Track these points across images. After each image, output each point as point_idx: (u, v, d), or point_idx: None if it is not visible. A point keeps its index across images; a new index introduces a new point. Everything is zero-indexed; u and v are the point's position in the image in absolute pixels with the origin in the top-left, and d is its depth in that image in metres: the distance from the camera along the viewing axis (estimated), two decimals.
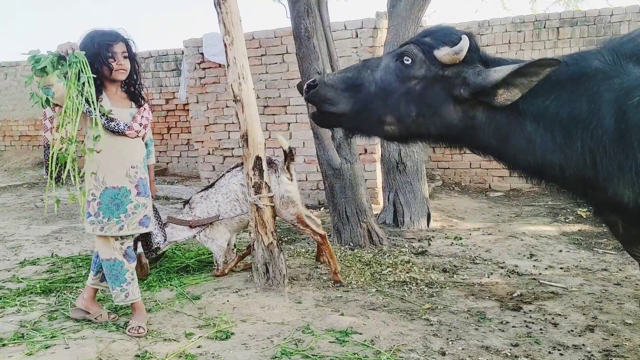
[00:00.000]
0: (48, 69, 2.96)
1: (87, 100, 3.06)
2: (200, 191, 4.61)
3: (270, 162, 4.23)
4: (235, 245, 4.77)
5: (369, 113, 2.38)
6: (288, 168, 4.23)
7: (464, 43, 2.21)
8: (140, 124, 3.43)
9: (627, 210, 2.14)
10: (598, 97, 2.09)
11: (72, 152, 3.03)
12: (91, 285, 3.64)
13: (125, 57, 3.32)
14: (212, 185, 4.55)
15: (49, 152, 3.12)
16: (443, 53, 2.25)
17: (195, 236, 4.47)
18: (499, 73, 2.17)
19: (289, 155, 4.22)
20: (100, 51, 3.22)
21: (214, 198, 4.46)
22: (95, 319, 3.55)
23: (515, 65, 2.16)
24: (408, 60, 2.31)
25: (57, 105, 3.17)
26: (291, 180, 4.23)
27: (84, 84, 3.02)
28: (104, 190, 3.34)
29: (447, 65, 2.27)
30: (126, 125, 3.35)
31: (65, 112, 3.04)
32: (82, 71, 3.02)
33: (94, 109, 3.04)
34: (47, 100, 3.07)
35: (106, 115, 3.26)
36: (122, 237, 3.44)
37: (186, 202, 4.64)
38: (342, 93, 2.38)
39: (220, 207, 4.43)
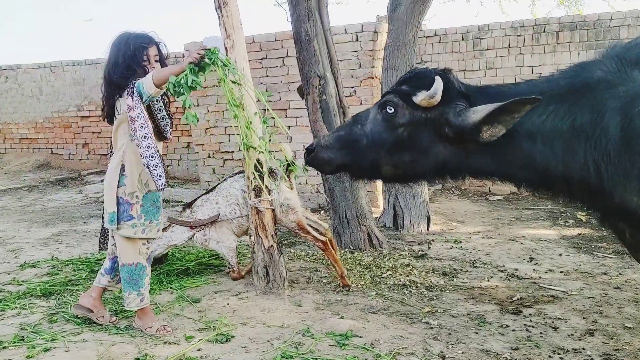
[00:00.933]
0: (195, 83, 3.06)
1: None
2: (202, 195, 4.63)
3: (271, 171, 4.26)
4: (236, 248, 4.77)
5: (366, 163, 2.51)
6: (288, 176, 4.25)
7: (437, 85, 2.25)
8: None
9: (635, 216, 2.15)
10: (602, 106, 2.10)
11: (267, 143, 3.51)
12: (103, 285, 3.63)
13: (156, 61, 3.35)
14: (213, 188, 4.57)
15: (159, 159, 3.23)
16: (420, 98, 2.30)
17: (193, 236, 4.46)
18: (478, 114, 2.20)
19: (290, 165, 4.24)
20: (136, 53, 3.25)
21: (214, 200, 4.48)
22: (97, 319, 3.54)
23: (492, 105, 2.18)
24: (391, 110, 2.39)
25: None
26: (291, 188, 4.26)
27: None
28: (147, 193, 3.37)
29: (428, 108, 2.31)
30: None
31: (230, 105, 3.35)
32: (225, 64, 3.21)
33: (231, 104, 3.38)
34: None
35: (170, 118, 3.44)
36: (148, 241, 3.47)
37: (187, 205, 4.65)
38: (339, 151, 2.53)
39: (221, 208, 4.45)
